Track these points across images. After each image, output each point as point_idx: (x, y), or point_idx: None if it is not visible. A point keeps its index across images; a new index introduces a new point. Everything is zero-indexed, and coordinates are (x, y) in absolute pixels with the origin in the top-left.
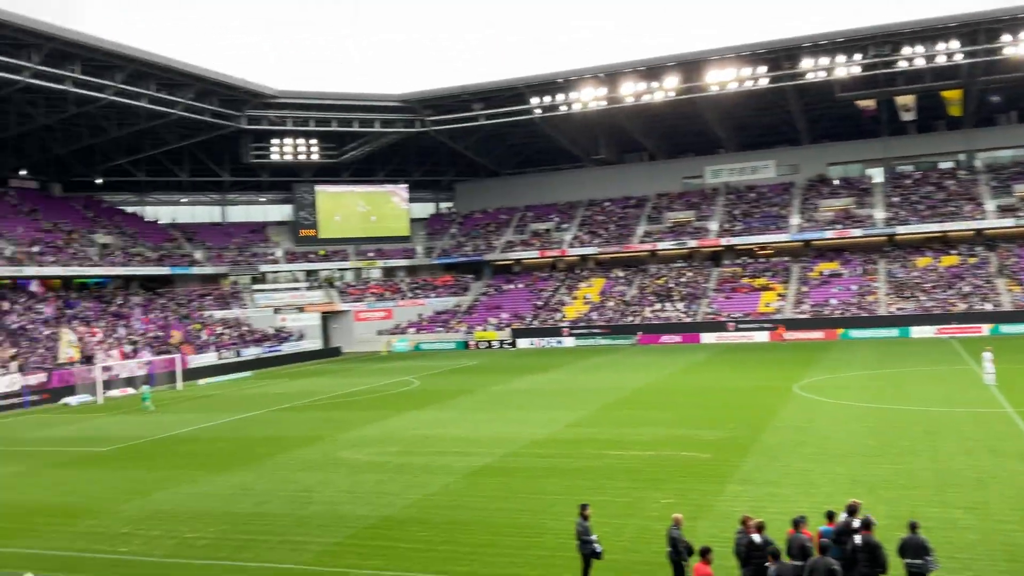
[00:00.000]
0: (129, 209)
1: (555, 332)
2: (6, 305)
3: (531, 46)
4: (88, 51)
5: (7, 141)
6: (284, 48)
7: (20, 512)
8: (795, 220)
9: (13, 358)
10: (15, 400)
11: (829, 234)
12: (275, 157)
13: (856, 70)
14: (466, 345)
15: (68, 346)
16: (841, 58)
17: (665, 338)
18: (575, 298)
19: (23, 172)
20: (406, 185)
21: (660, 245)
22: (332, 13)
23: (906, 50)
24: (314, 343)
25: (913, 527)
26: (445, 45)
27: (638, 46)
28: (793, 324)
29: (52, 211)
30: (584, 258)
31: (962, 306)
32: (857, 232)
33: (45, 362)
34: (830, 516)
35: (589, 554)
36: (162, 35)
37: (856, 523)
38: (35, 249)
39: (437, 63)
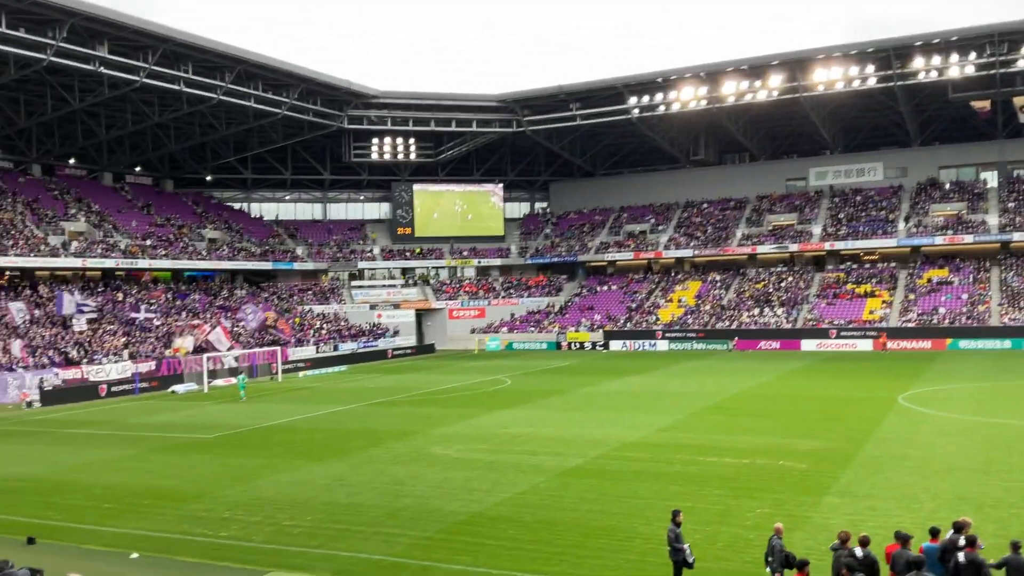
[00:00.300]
0: (236, 205)
1: (649, 335)
2: (120, 295)
3: (625, 44)
4: (199, 52)
5: (124, 138)
6: (369, 45)
7: (129, 494)
8: (903, 225)
9: (125, 346)
10: (127, 386)
11: (939, 240)
12: (374, 156)
13: (971, 70)
14: (558, 346)
15: (181, 348)
16: (955, 57)
17: (763, 344)
18: (670, 301)
19: (138, 168)
20: (501, 185)
21: (760, 248)
22: (415, 11)
23: None
24: (408, 340)
25: (1016, 547)
26: (533, 43)
27: (740, 45)
28: (899, 333)
29: (164, 206)
30: (680, 260)
31: None
32: (969, 238)
33: (155, 351)
34: (934, 533)
35: (680, 562)
36: (262, 35)
37: (962, 541)
38: (148, 243)
39: (525, 62)
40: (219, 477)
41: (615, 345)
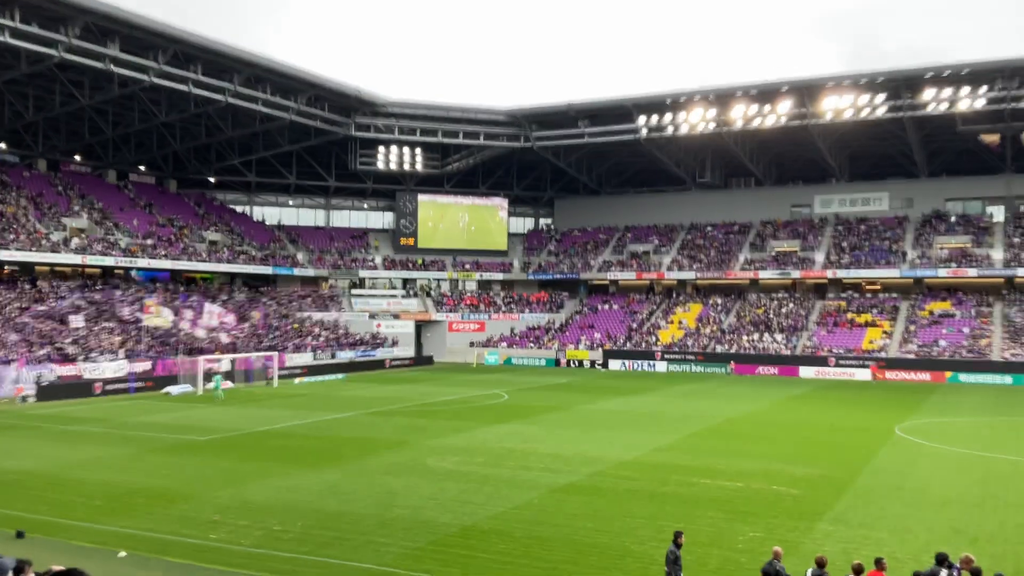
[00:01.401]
0: (238, 208)
1: (648, 355)
2: (118, 294)
3: (635, 62)
4: (210, 54)
5: (129, 136)
6: (378, 54)
7: (120, 492)
8: (907, 256)
9: (121, 345)
10: (121, 385)
11: (943, 272)
12: (380, 165)
13: (981, 103)
14: (557, 362)
15: (158, 317)
16: (965, 90)
17: (761, 369)
18: (670, 322)
19: (142, 167)
20: (507, 199)
21: (762, 274)
22: (425, 22)
23: None
24: (407, 350)
25: None
26: (543, 58)
27: (750, 68)
28: (898, 364)
29: (167, 206)
30: (682, 282)
31: None
32: (973, 272)
33: (151, 350)
34: (940, 560)
35: None
36: (272, 39)
37: (944, 573)
38: (148, 242)
39: (534, 76)
40: (211, 479)
41: (614, 364)
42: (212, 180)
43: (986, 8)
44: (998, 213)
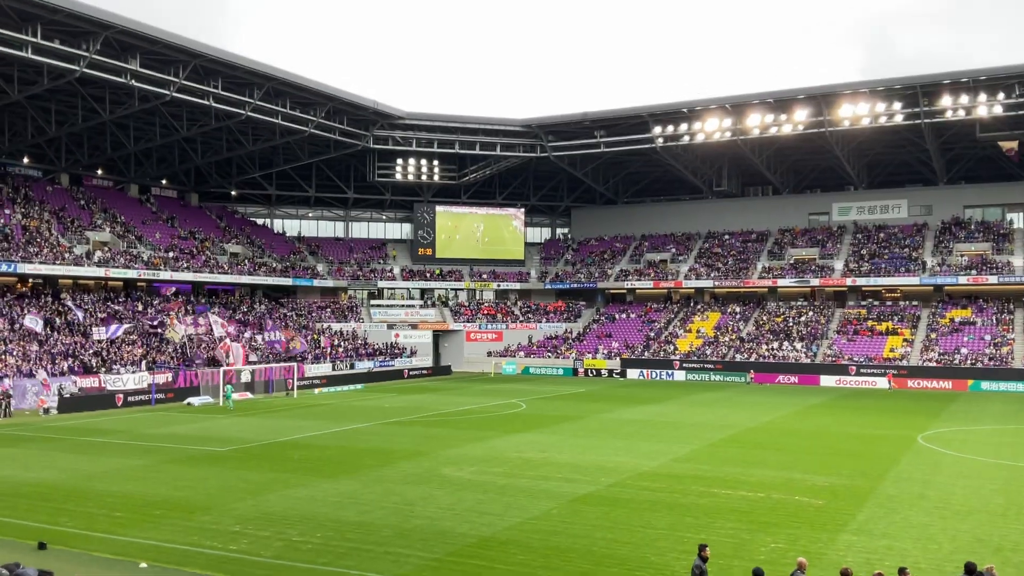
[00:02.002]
0: (259, 221)
1: (666, 364)
2: (140, 306)
3: (650, 72)
4: (230, 68)
5: (151, 151)
6: (395, 67)
7: (140, 503)
8: (927, 263)
9: (143, 356)
10: (143, 397)
11: (962, 280)
12: (398, 176)
13: (999, 110)
14: (574, 372)
15: (173, 332)
16: (983, 97)
17: (781, 378)
18: (688, 331)
19: (164, 181)
20: (523, 209)
21: (780, 282)
22: (442, 34)
23: None
24: (425, 360)
25: None
26: (559, 69)
27: (766, 77)
28: (920, 372)
29: (188, 219)
30: (700, 291)
31: None
32: (993, 279)
33: (173, 362)
34: (970, 570)
35: None
36: (289, 53)
37: None
38: (170, 255)
39: (550, 87)
40: (231, 490)
41: (632, 373)
42: (233, 193)
43: (1005, 15)
44: (1018, 220)
